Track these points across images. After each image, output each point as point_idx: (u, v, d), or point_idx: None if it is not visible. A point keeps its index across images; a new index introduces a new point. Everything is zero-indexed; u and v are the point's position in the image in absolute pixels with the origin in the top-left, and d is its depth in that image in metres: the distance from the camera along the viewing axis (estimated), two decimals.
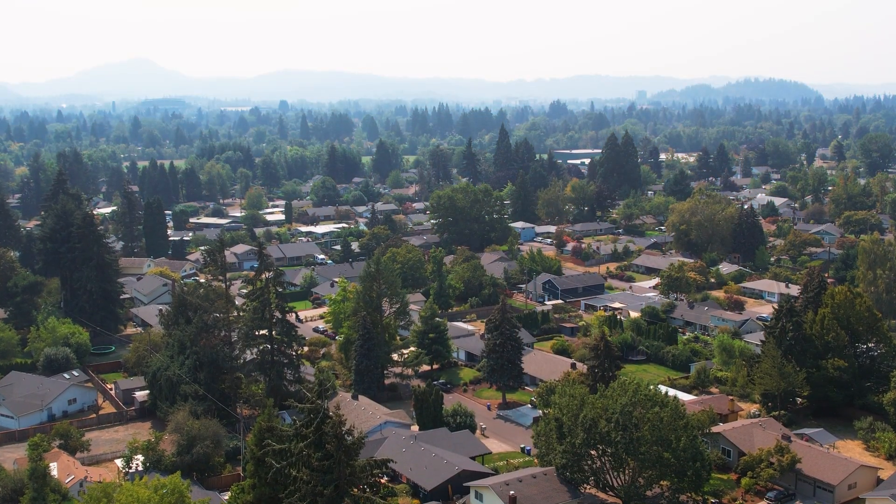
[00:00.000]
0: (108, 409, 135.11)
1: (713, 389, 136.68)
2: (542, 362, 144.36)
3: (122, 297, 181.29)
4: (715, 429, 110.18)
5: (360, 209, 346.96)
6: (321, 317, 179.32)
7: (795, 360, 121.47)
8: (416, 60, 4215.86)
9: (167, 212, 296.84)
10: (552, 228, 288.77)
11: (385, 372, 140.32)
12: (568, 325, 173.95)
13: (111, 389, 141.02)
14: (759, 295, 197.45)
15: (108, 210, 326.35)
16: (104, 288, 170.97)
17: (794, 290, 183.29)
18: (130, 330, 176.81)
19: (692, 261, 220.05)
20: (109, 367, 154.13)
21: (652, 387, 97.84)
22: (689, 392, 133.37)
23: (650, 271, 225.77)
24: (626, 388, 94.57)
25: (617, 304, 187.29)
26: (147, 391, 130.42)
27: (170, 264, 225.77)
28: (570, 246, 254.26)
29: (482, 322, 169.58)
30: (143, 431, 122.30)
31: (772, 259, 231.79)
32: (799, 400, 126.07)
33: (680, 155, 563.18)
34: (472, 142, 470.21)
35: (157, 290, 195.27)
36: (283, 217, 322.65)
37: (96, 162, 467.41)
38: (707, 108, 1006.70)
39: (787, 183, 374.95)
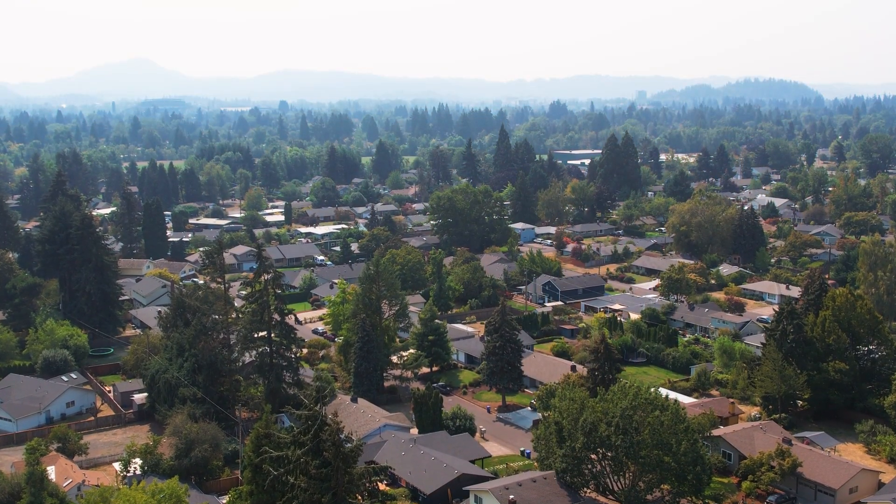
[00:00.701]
0: (106, 411, 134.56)
1: (714, 392, 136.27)
2: (542, 365, 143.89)
3: (120, 298, 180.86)
4: (715, 432, 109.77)
5: (360, 210, 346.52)
6: (320, 318, 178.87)
7: (796, 363, 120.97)
8: (416, 60, 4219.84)
9: (166, 213, 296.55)
10: (552, 229, 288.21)
11: (384, 374, 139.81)
12: (568, 326, 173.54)
13: (110, 392, 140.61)
14: (759, 296, 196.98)
15: (107, 211, 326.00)
16: (103, 289, 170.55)
17: (795, 291, 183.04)
18: (129, 332, 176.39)
19: (692, 262, 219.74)
20: (108, 370, 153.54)
21: (653, 390, 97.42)
22: (689, 394, 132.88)
23: (650, 273, 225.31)
24: (627, 392, 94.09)
25: (617, 306, 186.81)
26: (145, 394, 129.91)
27: (169, 265, 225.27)
28: (570, 247, 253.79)
29: (482, 324, 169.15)
30: (141, 434, 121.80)
31: (772, 260, 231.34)
32: (800, 403, 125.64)
33: (680, 155, 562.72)
34: (472, 142, 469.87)
35: (156, 292, 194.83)
36: (282, 218, 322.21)
37: (96, 163, 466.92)
38: (707, 109, 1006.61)
39: (788, 184, 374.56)
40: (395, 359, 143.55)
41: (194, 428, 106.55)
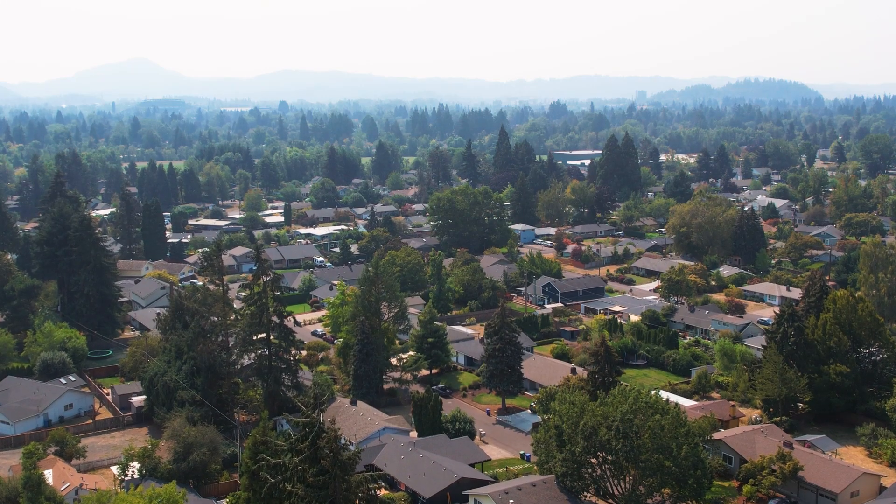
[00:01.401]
0: (104, 414, 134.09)
1: (714, 394, 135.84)
2: (542, 367, 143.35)
3: (119, 300, 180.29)
4: (716, 435, 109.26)
5: (360, 211, 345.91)
6: (319, 320, 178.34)
7: (797, 366, 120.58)
8: (416, 60, 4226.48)
9: (166, 213, 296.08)
10: (552, 230, 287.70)
11: (384, 377, 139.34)
12: (568, 328, 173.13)
13: (108, 394, 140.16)
14: (759, 298, 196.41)
15: (106, 212, 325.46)
16: (101, 291, 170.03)
17: (796, 293, 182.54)
18: (128, 334, 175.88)
19: (693, 263, 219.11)
20: (106, 372, 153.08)
21: (653, 393, 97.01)
22: (689, 397, 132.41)
23: (650, 274, 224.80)
24: (627, 396, 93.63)
25: (617, 308, 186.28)
26: (144, 396, 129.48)
27: (168, 267, 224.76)
28: (570, 248, 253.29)
29: (482, 325, 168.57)
30: (139, 437, 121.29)
31: (773, 262, 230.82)
32: (801, 406, 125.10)
33: (680, 156, 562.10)
34: (472, 143, 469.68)
35: (155, 293, 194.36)
36: (282, 219, 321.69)
37: (95, 163, 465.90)
38: (707, 109, 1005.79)
39: (788, 184, 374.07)
40: (394, 361, 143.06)
41: (192, 431, 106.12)
